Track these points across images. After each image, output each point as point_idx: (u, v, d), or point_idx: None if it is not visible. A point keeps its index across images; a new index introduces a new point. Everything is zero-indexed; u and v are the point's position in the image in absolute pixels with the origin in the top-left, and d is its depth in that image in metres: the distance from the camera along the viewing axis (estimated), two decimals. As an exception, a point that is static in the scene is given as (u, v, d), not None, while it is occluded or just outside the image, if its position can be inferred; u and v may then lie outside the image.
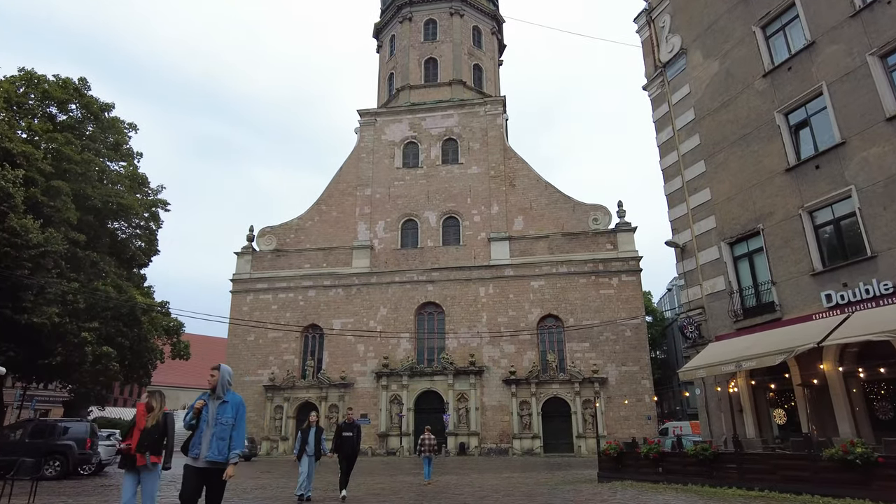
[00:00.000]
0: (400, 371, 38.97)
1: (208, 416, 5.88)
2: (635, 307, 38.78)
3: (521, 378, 37.63)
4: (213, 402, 5.98)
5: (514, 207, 42.74)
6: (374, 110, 47.40)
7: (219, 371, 6.11)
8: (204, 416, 5.90)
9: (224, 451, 5.80)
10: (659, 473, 12.78)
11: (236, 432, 5.99)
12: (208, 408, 5.96)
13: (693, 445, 12.11)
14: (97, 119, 24.05)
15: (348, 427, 12.69)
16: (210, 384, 6.07)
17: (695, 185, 18.15)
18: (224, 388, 6.06)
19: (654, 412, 37.09)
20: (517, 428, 36.89)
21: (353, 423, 12.79)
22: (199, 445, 5.76)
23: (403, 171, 45.22)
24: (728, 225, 16.62)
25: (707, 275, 17.22)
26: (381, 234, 43.67)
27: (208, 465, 5.76)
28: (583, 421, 36.56)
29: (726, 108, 17.26)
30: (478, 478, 18.79)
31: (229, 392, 6.13)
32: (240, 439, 6.02)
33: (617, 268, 39.56)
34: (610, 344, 38.12)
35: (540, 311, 39.47)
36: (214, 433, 5.79)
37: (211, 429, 5.81)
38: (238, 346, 42.43)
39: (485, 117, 45.51)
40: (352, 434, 12.54)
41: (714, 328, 16.70)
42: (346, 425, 12.74)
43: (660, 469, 12.81)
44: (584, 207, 41.91)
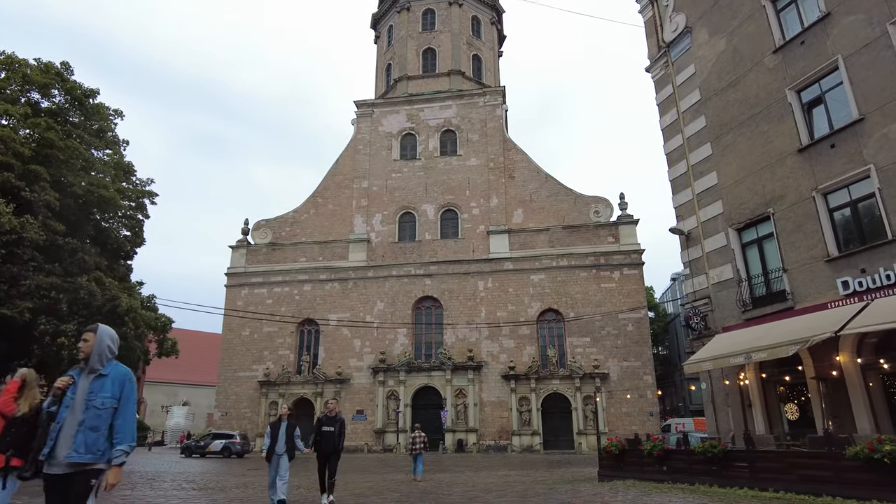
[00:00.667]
0: (397, 366, 38.19)
1: (74, 399, 4.04)
2: (637, 301, 37.93)
3: (521, 373, 36.82)
4: (86, 379, 4.12)
5: (513, 200, 41.87)
6: (372, 101, 46.51)
7: (95, 334, 4.23)
8: (67, 400, 4.05)
9: (98, 448, 3.97)
10: (663, 472, 11.95)
11: (121, 419, 4.11)
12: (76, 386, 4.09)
13: (700, 443, 11.27)
14: (81, 105, 23.20)
15: (329, 421, 10.91)
16: (83, 353, 4.19)
17: (700, 168, 17.28)
18: (103, 358, 4.17)
19: (656, 408, 36.27)
20: (516, 424, 36.09)
21: (335, 416, 10.97)
22: (53, 441, 3.95)
23: (401, 163, 44.35)
24: (736, 210, 15.75)
25: (713, 263, 16.36)
26: (378, 228, 42.84)
27: (71, 468, 3.91)
28: (583, 417, 35.76)
29: (734, 88, 16.38)
30: (473, 476, 17.99)
31: (110, 363, 4.23)
32: (127, 429, 4.12)
33: (619, 261, 38.69)
34: (611, 339, 37.28)
35: (540, 305, 38.64)
36: (83, 421, 3.96)
37: (78, 416, 3.98)
38: (233, 341, 41.67)
39: (484, 108, 44.61)
40: (333, 429, 10.75)
41: (721, 319, 15.85)
42: (326, 419, 10.96)
43: (664, 468, 11.98)
44: (585, 200, 41.02)
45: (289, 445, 10.20)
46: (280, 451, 10.08)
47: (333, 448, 10.72)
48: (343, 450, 11.10)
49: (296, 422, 10.98)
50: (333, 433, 10.76)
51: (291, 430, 10.36)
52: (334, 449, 10.74)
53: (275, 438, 10.19)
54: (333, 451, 10.74)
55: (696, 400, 57.63)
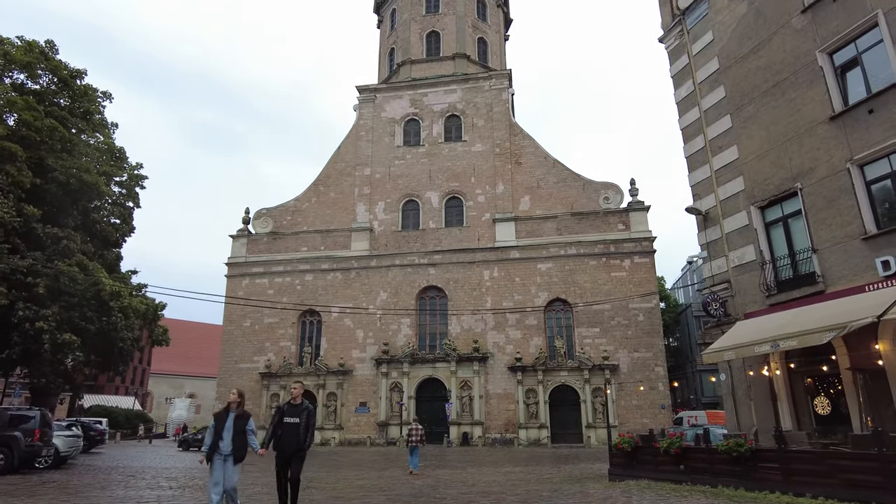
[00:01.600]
0: (400, 358, 37.19)
1: None
2: (648, 290, 36.62)
3: (528, 365, 35.71)
4: None
5: (520, 186, 40.59)
6: (374, 86, 45.29)
7: None
8: None
9: None
10: (681, 472, 10.81)
11: None
12: None
13: (724, 440, 10.10)
14: (67, 86, 22.18)
15: (292, 410, 8.56)
16: None
17: (719, 143, 15.98)
18: None
19: (668, 401, 35.05)
20: (523, 417, 35.02)
21: (300, 404, 8.64)
22: None
23: (404, 149, 43.16)
24: (759, 186, 14.46)
25: (734, 244, 15.10)
26: (380, 216, 41.75)
27: None
28: (592, 410, 34.63)
29: (756, 54, 15.04)
30: (474, 472, 16.92)
31: None
32: None
33: (629, 249, 37.37)
34: (621, 329, 36.04)
35: (547, 294, 37.44)
36: None
37: None
38: (234, 332, 40.85)
39: (489, 92, 43.25)
40: (297, 421, 8.43)
41: (742, 304, 14.61)
42: (289, 407, 8.62)
43: (682, 467, 10.84)
44: (594, 186, 39.67)
45: (236, 443, 7.89)
46: (225, 450, 7.85)
47: (297, 446, 8.36)
48: (309, 448, 8.67)
49: (249, 412, 8.47)
50: (297, 426, 8.41)
51: (242, 424, 8.05)
52: (298, 447, 8.36)
53: (218, 434, 7.91)
54: (297, 451, 8.37)
55: (709, 392, 56.32)
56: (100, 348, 21.03)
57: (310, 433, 8.64)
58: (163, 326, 24.84)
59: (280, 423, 8.54)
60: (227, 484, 7.86)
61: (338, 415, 37.45)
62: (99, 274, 19.00)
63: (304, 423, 8.56)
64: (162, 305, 24.64)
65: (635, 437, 12.50)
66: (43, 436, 14.94)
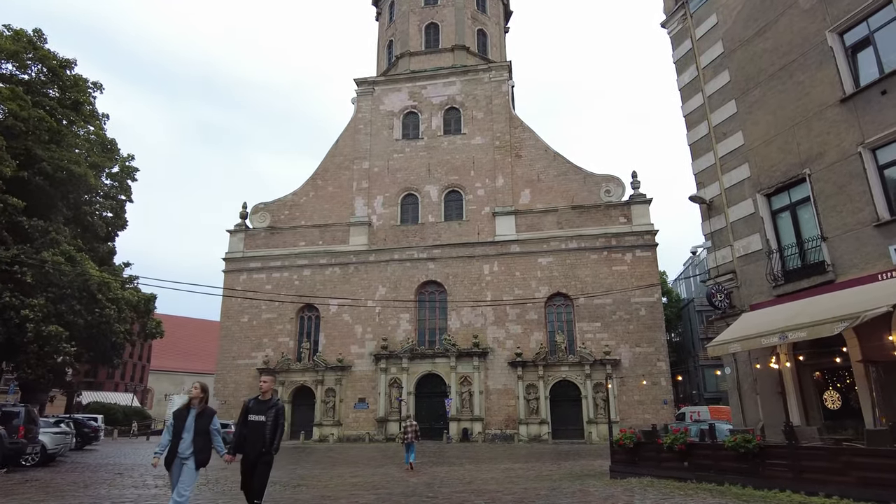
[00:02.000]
0: (400, 353, 36.76)
1: None
2: (651, 284, 36.12)
3: (528, 360, 35.26)
4: None
5: (520, 180, 40.06)
6: (372, 79, 44.72)
7: None
8: None
9: None
10: (685, 469, 10.35)
11: None
12: None
13: (730, 436, 9.62)
14: (55, 75, 21.69)
15: (260, 407, 7.47)
16: None
17: (724, 129, 15.47)
18: None
19: (670, 396, 34.59)
20: (524, 413, 34.60)
21: (269, 400, 7.58)
22: None
23: (403, 142, 42.64)
24: (765, 173, 13.96)
25: (739, 233, 14.60)
26: (379, 210, 41.27)
27: None
28: (594, 405, 34.19)
29: (763, 36, 14.51)
30: (472, 469, 16.48)
31: None
32: None
33: (631, 242, 36.86)
34: (623, 323, 35.57)
35: (548, 289, 36.96)
36: None
37: None
38: (231, 327, 40.44)
39: (489, 84, 42.69)
40: (264, 419, 7.31)
41: (748, 295, 14.12)
42: (256, 404, 7.53)
43: (686, 464, 10.38)
44: (595, 178, 39.13)
45: (198, 445, 6.83)
46: (184, 452, 6.75)
47: (262, 448, 7.17)
48: (277, 451, 7.46)
49: (213, 409, 7.41)
50: (264, 425, 7.25)
51: (205, 423, 6.99)
52: (265, 449, 7.19)
53: (178, 434, 6.83)
54: (262, 454, 7.19)
55: (711, 388, 55.85)
56: (91, 342, 20.63)
57: (278, 434, 7.46)
58: (156, 319, 24.34)
59: (245, 423, 7.40)
60: (180, 489, 6.67)
61: (336, 411, 37.06)
62: (86, 265, 18.54)
63: (273, 423, 7.33)
64: (152, 297, 24.10)
65: (637, 433, 12.04)
66: (28, 433, 14.52)
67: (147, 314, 23.59)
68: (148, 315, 23.71)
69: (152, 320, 24.10)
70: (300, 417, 37.66)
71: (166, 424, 7.13)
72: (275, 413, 7.45)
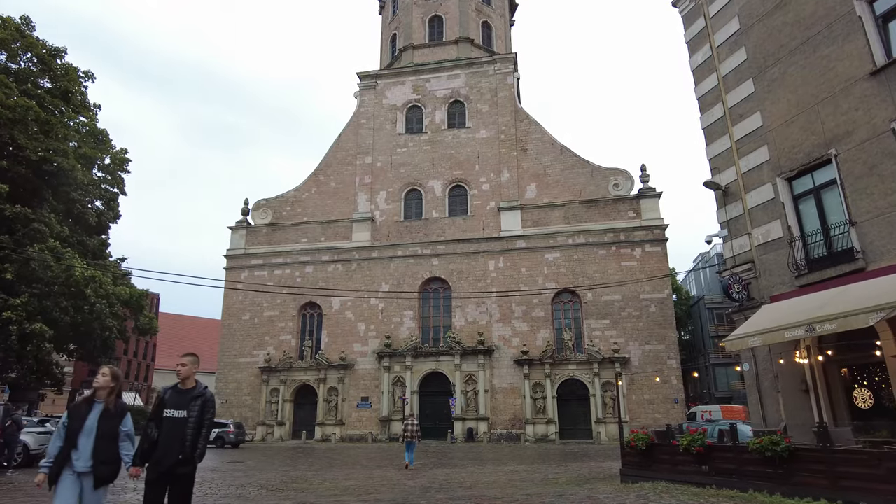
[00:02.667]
0: (403, 351, 35.98)
1: None
2: (661, 280, 35.12)
3: (535, 358, 34.36)
4: None
5: (526, 174, 39.15)
6: (375, 72, 43.94)
7: None
8: None
9: None
10: (704, 474, 9.47)
11: None
12: None
13: (754, 437, 8.71)
14: (45, 64, 21.04)
15: (178, 398, 5.48)
16: None
17: (740, 110, 14.52)
18: None
19: (681, 395, 33.58)
20: (530, 412, 33.71)
21: (192, 390, 5.57)
22: None
23: (406, 136, 41.85)
24: (786, 155, 13.01)
25: (758, 220, 13.66)
26: (382, 206, 40.51)
27: None
28: (602, 405, 33.27)
29: (783, 9, 13.56)
30: (474, 471, 15.64)
31: None
32: None
33: (640, 237, 35.88)
34: (632, 320, 34.59)
35: (555, 285, 36.04)
36: None
37: None
38: (233, 325, 39.84)
39: (494, 76, 41.80)
40: (185, 415, 5.36)
41: (768, 287, 13.18)
42: (173, 395, 5.53)
43: (705, 468, 9.50)
44: (603, 172, 38.15)
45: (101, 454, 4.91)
46: (81, 465, 4.83)
47: (182, 454, 5.24)
48: (202, 458, 5.44)
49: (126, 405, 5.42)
50: (184, 424, 5.32)
51: (113, 424, 5.08)
52: (183, 455, 5.25)
53: (72, 439, 4.89)
54: (181, 463, 5.24)
55: (722, 387, 54.74)
56: (79, 339, 19.93)
57: (203, 434, 5.41)
58: (149, 315, 23.62)
59: (158, 419, 5.38)
60: None
61: (339, 410, 36.33)
62: (72, 259, 17.83)
63: (196, 420, 5.38)
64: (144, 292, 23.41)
65: (650, 434, 11.17)
66: (6, 433, 13.82)
67: (140, 310, 22.84)
68: (141, 311, 22.96)
69: (146, 315, 23.33)
70: (302, 417, 36.97)
71: (58, 425, 5.10)
72: (200, 406, 5.44)
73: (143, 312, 23.02)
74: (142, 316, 23.04)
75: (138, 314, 22.77)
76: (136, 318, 23.21)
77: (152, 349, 71.42)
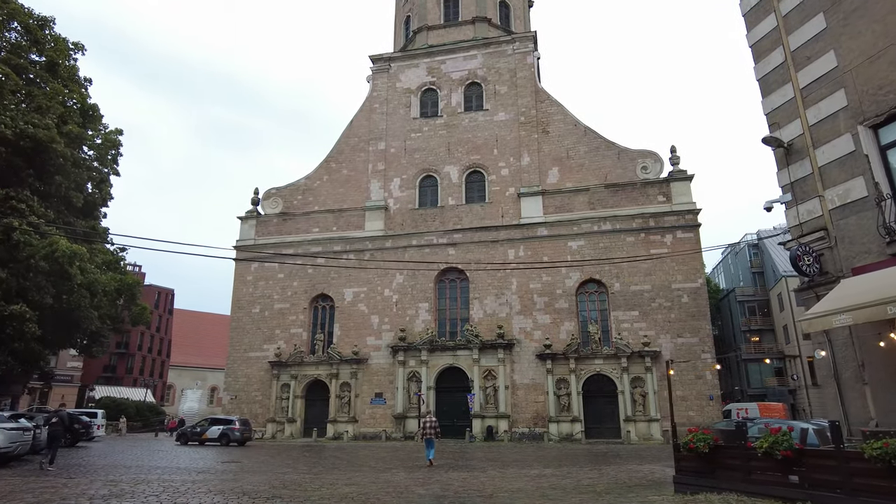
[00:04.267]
0: (418, 345, 34.11)
1: None
2: (693, 268, 32.76)
3: (558, 352, 32.23)
4: None
5: (547, 157, 36.98)
6: (388, 55, 42.10)
7: None
8: None
9: None
10: (793, 486, 7.40)
11: None
12: None
13: (871, 441, 6.61)
14: (29, 32, 19.54)
15: None
16: None
17: (807, 52, 12.31)
18: None
19: (717, 391, 31.18)
20: (554, 410, 31.60)
21: None
22: None
23: (421, 121, 39.95)
24: (870, 98, 10.81)
25: (832, 179, 11.47)
26: (396, 193, 38.67)
27: None
28: (631, 402, 31.06)
29: (861, -74, 11.33)
30: (495, 476, 13.66)
31: None
32: None
33: (671, 223, 33.50)
34: (663, 312, 32.27)
35: (579, 275, 33.86)
36: None
37: None
38: (242, 318, 38.37)
39: (513, 56, 39.67)
40: None
41: (848, 257, 10.99)
42: None
43: (793, 478, 7.44)
44: (630, 154, 35.82)
45: None
46: None
47: None
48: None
49: None
50: None
51: None
52: None
53: None
54: None
55: (756, 384, 51.92)
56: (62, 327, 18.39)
57: None
58: (141, 304, 21.95)
59: None
60: None
61: (352, 406, 34.60)
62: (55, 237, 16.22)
63: None
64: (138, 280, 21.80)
65: (714, 434, 9.08)
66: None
67: (132, 299, 21.14)
68: (133, 300, 21.23)
69: (137, 304, 21.64)
70: (314, 413, 35.34)
71: None
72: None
73: (134, 301, 21.30)
74: (133, 305, 21.33)
75: (130, 303, 21.05)
76: (128, 308, 21.45)
77: (167, 345, 70.63)
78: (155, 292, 72.00)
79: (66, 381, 43.95)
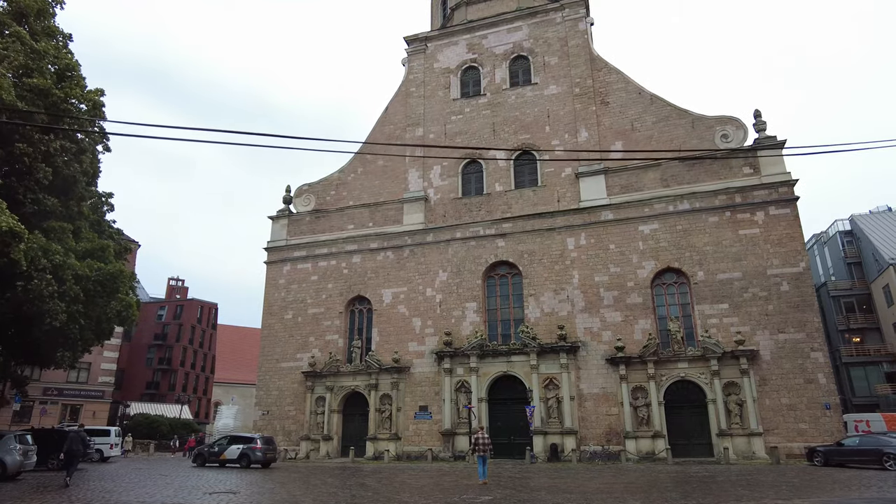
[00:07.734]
0: (467, 350, 29.74)
1: None
2: (793, 250, 27.26)
3: (633, 355, 27.24)
4: None
5: (608, 131, 32.25)
6: (425, 34, 38.56)
7: None
8: None
9: None
10: None
11: None
12: None
13: None
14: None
15: None
16: None
17: None
18: None
19: (835, 398, 25.38)
20: (630, 424, 26.55)
21: None
22: None
23: (462, 102, 36.03)
24: None
25: None
26: (436, 182, 34.76)
27: None
28: (725, 412, 25.74)
29: None
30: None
31: None
32: None
33: (762, 198, 28.18)
34: (759, 303, 26.85)
35: (654, 264, 28.85)
36: None
37: None
38: (274, 325, 35.13)
39: (563, 24, 35.30)
40: None
41: None
42: None
43: None
44: (706, 122, 30.68)
45: None
46: None
47: None
48: None
49: None
50: None
51: None
52: None
53: None
54: None
55: (861, 392, 44.73)
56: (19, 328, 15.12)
57: None
58: (125, 298, 18.47)
59: None
60: None
61: (393, 422, 30.48)
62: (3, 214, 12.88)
63: None
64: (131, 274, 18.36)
65: None
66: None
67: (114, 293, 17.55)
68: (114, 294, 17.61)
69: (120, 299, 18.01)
70: (351, 430, 31.46)
71: None
72: None
73: (116, 296, 17.65)
74: (114, 300, 17.69)
75: (110, 297, 17.48)
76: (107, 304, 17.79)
77: (211, 361, 68.74)
78: (198, 307, 70.52)
79: (97, 397, 41.74)
